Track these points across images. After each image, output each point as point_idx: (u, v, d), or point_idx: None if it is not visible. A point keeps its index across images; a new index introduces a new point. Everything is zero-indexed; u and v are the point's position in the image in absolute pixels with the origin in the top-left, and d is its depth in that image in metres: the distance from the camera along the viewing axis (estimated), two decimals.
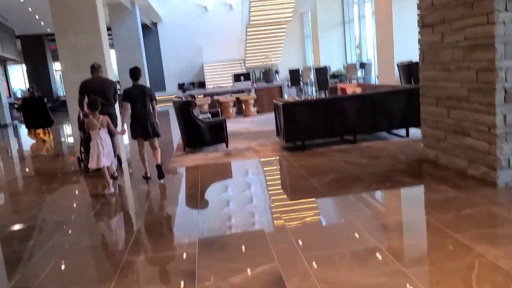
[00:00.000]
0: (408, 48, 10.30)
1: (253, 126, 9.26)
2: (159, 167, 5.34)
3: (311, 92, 17.85)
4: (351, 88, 8.20)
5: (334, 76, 15.28)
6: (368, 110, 6.17)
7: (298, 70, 18.17)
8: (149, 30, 21.98)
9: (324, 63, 16.43)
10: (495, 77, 3.70)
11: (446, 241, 2.83)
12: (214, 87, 15.50)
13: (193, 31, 22.32)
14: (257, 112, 11.29)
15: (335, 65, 16.21)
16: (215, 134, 6.81)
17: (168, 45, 22.48)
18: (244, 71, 20.86)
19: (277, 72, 19.82)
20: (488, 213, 3.27)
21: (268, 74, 11.40)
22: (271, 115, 10.90)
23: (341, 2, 16.56)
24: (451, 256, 2.63)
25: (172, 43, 22.44)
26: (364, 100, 6.15)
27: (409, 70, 7.63)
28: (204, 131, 6.70)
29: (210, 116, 7.60)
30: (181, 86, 22.44)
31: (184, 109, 6.66)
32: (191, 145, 6.85)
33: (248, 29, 18.54)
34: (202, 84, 22.43)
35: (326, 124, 6.14)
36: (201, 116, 7.30)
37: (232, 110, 11.19)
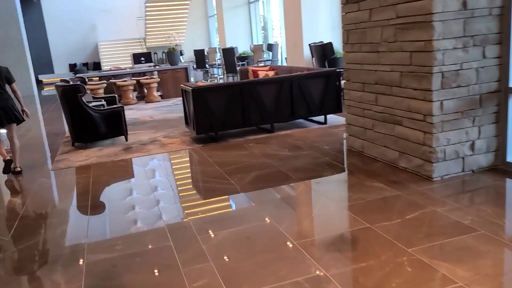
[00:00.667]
0: (317, 29, 10.03)
1: (157, 113, 8.26)
2: (8, 162, 4.67)
3: (218, 75, 17.11)
4: (263, 72, 7.63)
5: (240, 58, 14.67)
6: (286, 95, 5.63)
7: (203, 51, 17.23)
8: (30, 2, 19.17)
9: (230, 45, 15.74)
10: (432, 60, 3.32)
11: (402, 260, 2.35)
12: (111, 69, 13.92)
13: (84, 6, 20.01)
14: (161, 97, 10.24)
15: (242, 47, 15.58)
16: (112, 125, 5.75)
17: (55, 21, 19.89)
18: (145, 51, 19.31)
19: (181, 53, 18.66)
20: (435, 217, 2.89)
21: (172, 55, 10.37)
22: (177, 101, 10.02)
23: None
24: (416, 283, 2.14)
25: (59, 19, 19.89)
26: (282, 84, 5.59)
27: (323, 51, 7.26)
28: (97, 122, 5.60)
29: (105, 104, 6.47)
30: (73, 68, 20.11)
31: (70, 96, 5.48)
32: (81, 139, 5.71)
33: (147, 6, 17.05)
34: (97, 65, 20.33)
35: (242, 111, 5.47)
36: (93, 104, 6.15)
37: (133, 95, 10.00)
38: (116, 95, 7.42)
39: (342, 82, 5.37)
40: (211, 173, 4.22)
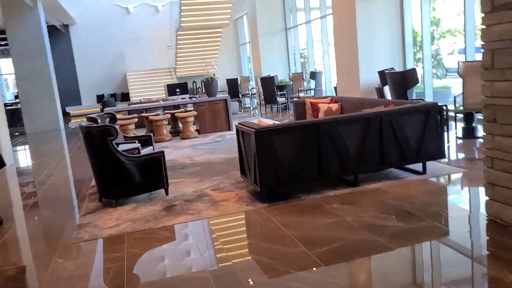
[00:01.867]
0: (375, 55, 8.77)
1: (197, 153, 7.04)
2: None
3: (252, 105, 15.99)
4: (325, 104, 6.36)
5: (278, 87, 13.53)
6: (374, 137, 4.31)
7: (236, 80, 16.21)
8: (59, 33, 18.73)
9: (266, 73, 14.66)
10: None
11: None
12: (140, 100, 12.96)
13: (113, 35, 19.47)
14: (198, 132, 9.07)
15: (278, 75, 14.44)
16: (149, 175, 4.52)
17: (83, 51, 19.37)
18: (176, 81, 18.46)
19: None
20: None
21: (210, 85, 9.27)
22: (216, 137, 8.85)
23: (283, 7, 14.94)
24: None
25: (88, 49, 19.36)
26: (369, 123, 4.27)
27: (403, 80, 5.94)
28: (131, 172, 4.39)
29: (139, 146, 5.28)
30: (100, 99, 19.40)
31: (97, 140, 4.31)
32: (111, 195, 4.49)
33: (179, 34, 16.25)
34: (125, 96, 19.57)
35: (318, 159, 4.16)
36: (125, 148, 4.97)
37: (167, 131, 8.87)
38: (151, 134, 6.24)
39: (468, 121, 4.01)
40: (299, 261, 2.87)
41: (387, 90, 6.54)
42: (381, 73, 7.05)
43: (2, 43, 19.63)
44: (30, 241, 3.97)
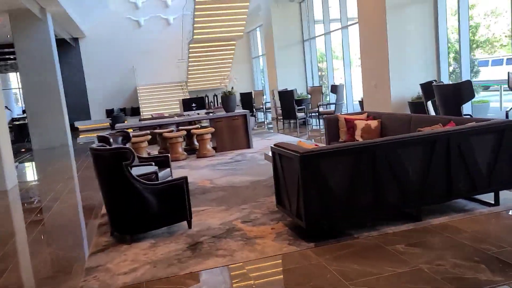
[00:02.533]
0: (407, 67, 8.11)
1: (218, 174, 6.36)
2: None
3: (266, 120, 15.35)
4: (361, 121, 5.67)
5: (296, 101, 12.90)
6: (439, 162, 3.60)
7: (250, 94, 15.61)
8: (69, 46, 18.36)
9: (282, 86, 14.04)
10: None
11: None
12: (152, 115, 12.38)
13: (123, 49, 19.06)
14: (215, 149, 8.40)
15: (296, 89, 13.78)
16: (170, 206, 3.85)
17: (93, 64, 18.96)
18: (187, 95, 17.93)
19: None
20: None
21: (228, 99, 8.65)
22: (235, 155, 8.20)
23: (300, 18, 14.38)
24: None
25: (97, 62, 18.95)
26: (434, 145, 3.57)
27: (456, 93, 5.23)
28: (149, 202, 3.71)
29: (157, 170, 4.61)
30: (110, 113, 18.90)
31: (111, 165, 3.64)
32: (125, 229, 3.81)
33: (191, 47, 15.75)
34: (135, 111, 19.06)
35: (373, 188, 3.46)
36: (141, 171, 4.31)
37: (182, 149, 8.22)
38: (168, 154, 5.58)
39: None
40: None
41: (430, 105, 5.84)
42: (425, 86, 6.36)
43: (12, 57, 19.30)
44: None
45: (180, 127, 9.11)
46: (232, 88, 8.93)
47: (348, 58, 12.06)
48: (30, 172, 9.25)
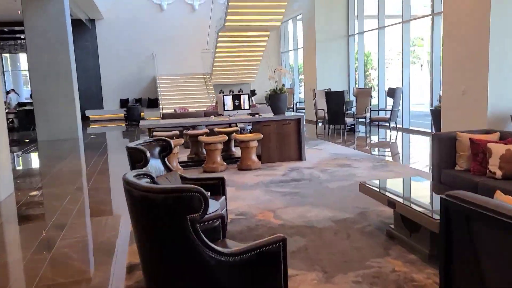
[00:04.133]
0: (508, 69, 6.42)
1: (278, 200, 4.73)
2: None
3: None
4: (499, 144, 3.99)
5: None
6: None
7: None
8: (84, 28, 16.80)
9: (322, 86, 12.38)
10: None
11: None
12: (175, 110, 10.79)
13: (143, 34, 17.51)
14: (259, 159, 6.77)
15: (335, 89, 12.13)
16: (256, 285, 2.23)
17: (109, 49, 17.42)
18: (212, 89, 16.32)
19: (253, 93, 15.55)
20: None
21: (278, 99, 7.03)
22: (288, 170, 6.25)
23: (346, 10, 12.67)
24: None
25: (114, 47, 17.40)
26: None
27: None
28: (222, 281, 2.10)
29: (220, 210, 2.99)
30: (124, 103, 17.37)
31: (166, 217, 2.02)
32: None
33: (221, 36, 14.11)
34: (152, 102, 17.51)
35: None
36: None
37: (221, 158, 6.60)
38: (223, 178, 3.95)
39: None
40: None
41: None
42: None
43: (22, 36, 17.79)
44: None
45: (216, 129, 7.51)
46: (284, 85, 7.28)
47: (408, 57, 10.36)
48: (32, 174, 7.67)
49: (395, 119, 9.98)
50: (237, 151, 7.52)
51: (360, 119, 10.71)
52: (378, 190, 3.56)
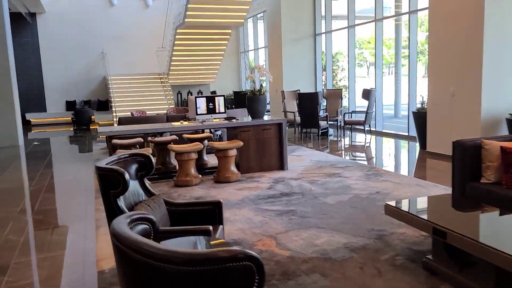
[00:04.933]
0: (504, 70, 6.10)
1: (276, 222, 3.96)
2: None
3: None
4: None
5: None
6: None
7: (245, 94, 13.23)
8: (24, 22, 15.15)
9: (288, 87, 11.78)
10: None
11: None
12: (132, 114, 9.75)
13: (91, 31, 16.10)
14: (238, 169, 5.97)
15: (302, 90, 11.58)
16: None
17: (53, 46, 15.85)
18: (169, 90, 15.26)
19: (214, 94, 14.67)
20: None
21: (256, 101, 6.27)
22: (272, 181, 5.52)
23: (313, 10, 12.17)
24: None
25: (58, 45, 15.86)
26: None
27: None
28: None
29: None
30: (71, 106, 15.87)
31: None
32: None
33: (179, 33, 13.15)
34: (103, 105, 16.16)
35: None
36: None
37: (195, 169, 5.73)
38: (220, 201, 3.14)
39: None
40: None
41: None
42: None
43: None
44: None
45: (186, 136, 6.63)
46: (262, 85, 6.54)
47: (381, 57, 9.99)
48: None
49: (369, 121, 9.56)
50: (209, 160, 6.69)
51: (330, 122, 10.20)
52: (416, 215, 2.91)
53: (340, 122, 10.48)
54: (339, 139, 9.70)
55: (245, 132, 6.15)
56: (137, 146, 6.39)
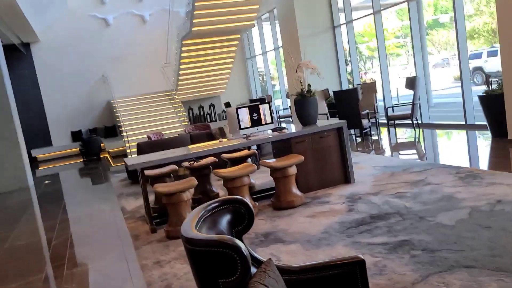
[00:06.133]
0: None
1: (398, 260, 2.85)
2: None
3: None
4: None
5: (329, 105, 9.70)
6: None
7: (264, 99, 12.21)
8: (18, 54, 14.18)
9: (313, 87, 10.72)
10: None
11: None
12: (149, 137, 8.75)
13: (89, 55, 15.13)
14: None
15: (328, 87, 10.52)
16: None
17: (51, 76, 14.86)
18: (181, 106, 14.27)
19: (228, 106, 13.70)
20: None
21: (306, 104, 5.22)
22: (348, 201, 4.40)
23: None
24: None
25: (56, 73, 14.87)
26: None
27: None
28: None
29: None
30: (77, 137, 14.86)
31: None
32: None
33: (185, 45, 12.18)
34: (111, 131, 15.15)
35: None
36: None
37: (249, 196, 4.67)
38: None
39: None
40: None
41: None
42: None
43: None
44: None
45: (225, 156, 5.59)
46: (309, 85, 5.48)
47: (425, 42, 8.94)
48: None
49: (416, 114, 8.49)
50: (253, 180, 5.63)
51: (371, 120, 9.14)
52: None
53: (378, 118, 9.45)
54: (381, 137, 8.63)
55: (299, 144, 5.09)
56: (171, 175, 5.34)
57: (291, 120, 12.69)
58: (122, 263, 3.86)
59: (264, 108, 5.16)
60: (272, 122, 5.22)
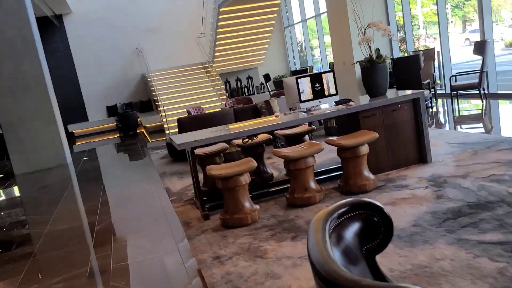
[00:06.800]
0: None
1: None
2: None
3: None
4: None
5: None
6: None
7: (306, 70, 11.45)
8: (52, 26, 13.87)
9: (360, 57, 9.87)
10: None
11: None
12: (188, 111, 8.25)
13: (122, 26, 14.64)
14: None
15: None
16: None
17: (85, 49, 14.52)
18: (219, 78, 13.70)
19: (268, 78, 13.01)
20: None
21: (376, 71, 4.50)
22: (428, 183, 3.66)
23: None
24: None
25: (90, 46, 14.52)
26: None
27: None
28: None
29: None
30: (113, 111, 14.60)
31: None
32: None
33: (222, 12, 11.46)
34: (146, 105, 14.80)
35: None
36: None
37: (314, 182, 4.06)
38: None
39: None
40: None
41: None
42: None
43: None
44: None
45: (280, 132, 4.99)
46: (378, 50, 4.73)
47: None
48: (7, 245, 4.95)
49: (484, 83, 7.57)
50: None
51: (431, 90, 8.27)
52: None
53: (437, 89, 8.57)
54: (446, 110, 7.79)
55: (368, 118, 4.41)
56: (221, 155, 4.79)
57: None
58: (176, 257, 3.37)
59: (327, 77, 4.48)
60: (337, 94, 4.54)
